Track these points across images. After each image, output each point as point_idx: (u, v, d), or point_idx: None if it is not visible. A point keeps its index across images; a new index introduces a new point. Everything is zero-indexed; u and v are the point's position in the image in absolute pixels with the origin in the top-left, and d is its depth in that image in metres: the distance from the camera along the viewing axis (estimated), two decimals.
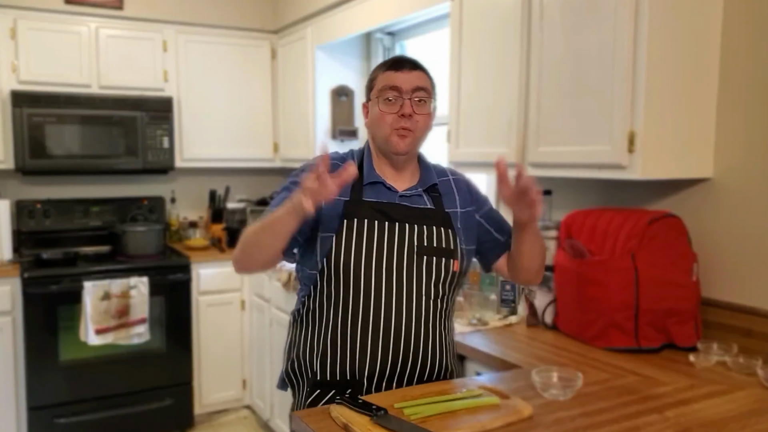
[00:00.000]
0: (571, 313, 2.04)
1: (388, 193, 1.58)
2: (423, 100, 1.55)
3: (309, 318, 1.60)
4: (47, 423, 3.26)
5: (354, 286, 1.51)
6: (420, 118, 1.55)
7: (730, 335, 1.88)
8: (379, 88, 1.55)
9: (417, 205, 1.59)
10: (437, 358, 1.57)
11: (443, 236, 1.58)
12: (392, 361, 1.51)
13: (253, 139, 4.14)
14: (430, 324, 1.55)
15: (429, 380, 1.57)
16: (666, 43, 1.81)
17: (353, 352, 1.51)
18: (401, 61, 1.57)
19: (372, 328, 1.51)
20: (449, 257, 1.57)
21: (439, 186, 1.64)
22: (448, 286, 1.58)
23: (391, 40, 3.69)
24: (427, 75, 1.59)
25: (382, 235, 1.53)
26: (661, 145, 1.84)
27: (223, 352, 3.75)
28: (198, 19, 3.95)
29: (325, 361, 1.54)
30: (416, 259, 1.53)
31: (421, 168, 1.66)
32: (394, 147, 1.54)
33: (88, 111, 3.56)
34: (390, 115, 1.53)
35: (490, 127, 2.32)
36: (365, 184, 1.57)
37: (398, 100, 1.53)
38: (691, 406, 1.46)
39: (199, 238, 4.07)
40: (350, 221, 1.53)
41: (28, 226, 3.69)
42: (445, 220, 1.60)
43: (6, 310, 3.20)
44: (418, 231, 1.55)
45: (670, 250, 1.89)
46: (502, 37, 2.24)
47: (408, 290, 1.52)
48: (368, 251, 1.51)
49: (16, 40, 3.44)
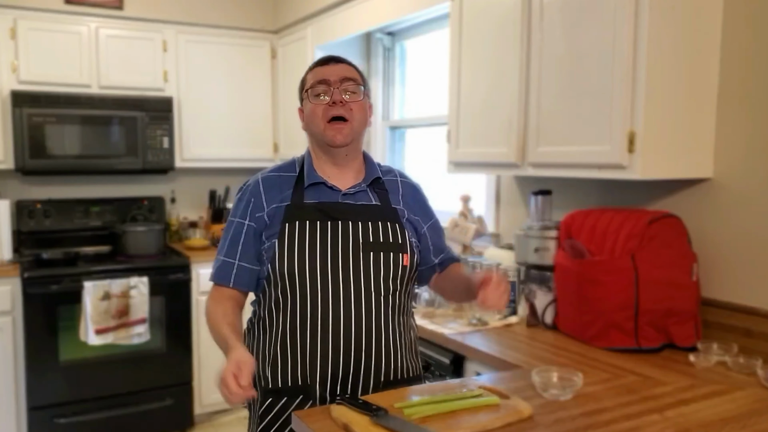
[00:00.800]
0: (571, 313, 2.04)
1: (330, 192, 1.56)
2: (353, 91, 1.55)
3: (260, 326, 1.59)
4: (47, 423, 3.26)
5: (300, 290, 1.49)
6: (353, 105, 1.54)
7: (730, 335, 1.88)
8: (309, 84, 1.57)
9: (361, 202, 1.57)
10: (392, 356, 1.54)
11: (390, 231, 1.55)
12: (344, 363, 1.49)
13: (253, 139, 4.14)
14: (382, 321, 1.52)
15: (386, 381, 1.53)
16: (666, 43, 1.81)
17: (303, 357, 1.49)
18: (327, 58, 1.60)
19: (321, 331, 1.48)
20: (398, 251, 1.54)
21: (385, 183, 1.63)
22: (399, 282, 1.55)
23: (391, 40, 3.69)
24: (354, 68, 1.60)
25: (324, 235, 1.51)
26: (661, 145, 1.84)
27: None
28: (198, 19, 3.95)
29: (276, 368, 1.52)
30: (362, 256, 1.51)
31: (365, 165, 1.64)
32: (331, 139, 1.53)
33: (88, 111, 3.56)
34: (321, 107, 1.53)
35: (490, 127, 2.32)
36: (306, 186, 1.56)
37: (328, 91, 1.53)
38: (691, 406, 1.46)
39: (199, 238, 4.07)
40: (291, 225, 1.51)
41: (28, 226, 3.69)
42: (392, 214, 1.58)
43: (6, 310, 3.19)
44: (362, 228, 1.53)
45: (670, 250, 1.89)
46: (502, 37, 2.24)
47: (356, 288, 1.50)
48: (311, 253, 1.49)
49: (16, 40, 3.44)
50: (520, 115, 2.18)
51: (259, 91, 4.14)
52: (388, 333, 1.53)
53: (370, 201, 1.59)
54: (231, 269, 1.55)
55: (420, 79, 3.56)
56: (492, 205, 2.90)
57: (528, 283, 2.28)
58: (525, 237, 2.27)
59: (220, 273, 1.56)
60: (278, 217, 1.53)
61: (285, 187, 1.57)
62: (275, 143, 4.20)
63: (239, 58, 4.06)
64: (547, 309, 2.17)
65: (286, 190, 1.56)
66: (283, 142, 4.15)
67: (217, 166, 4.16)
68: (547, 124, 2.08)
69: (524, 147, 2.17)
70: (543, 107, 2.09)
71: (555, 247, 2.18)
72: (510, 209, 2.79)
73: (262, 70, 4.14)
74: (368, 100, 1.61)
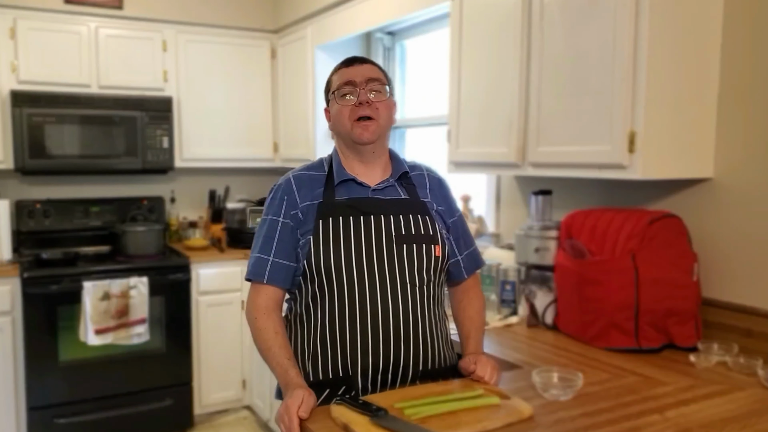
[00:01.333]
0: (572, 314, 2.04)
1: (360, 188, 1.60)
2: (378, 90, 1.58)
3: (297, 322, 1.61)
4: (47, 423, 3.26)
5: (337, 284, 1.52)
6: (379, 105, 1.58)
7: (731, 335, 1.88)
8: (335, 86, 1.60)
9: (390, 197, 1.61)
10: (429, 346, 1.57)
11: (420, 223, 1.59)
12: (384, 354, 1.51)
13: (253, 139, 4.14)
14: (419, 311, 1.55)
15: (425, 370, 1.56)
16: (666, 43, 1.80)
17: (344, 350, 1.52)
18: (351, 59, 1.64)
19: (360, 323, 1.51)
20: (430, 243, 1.58)
21: (412, 177, 1.67)
22: (432, 272, 1.58)
23: (391, 40, 3.69)
24: (378, 67, 1.64)
25: (358, 230, 1.54)
26: (662, 145, 1.84)
27: (223, 352, 3.75)
28: (198, 18, 3.95)
29: (316, 362, 1.54)
30: (396, 248, 1.54)
31: (392, 161, 1.68)
32: (358, 137, 1.57)
33: (87, 111, 3.55)
34: (347, 107, 1.57)
35: (490, 127, 2.32)
36: (336, 184, 1.60)
37: (354, 92, 1.57)
38: (691, 406, 1.46)
39: (198, 238, 4.06)
40: (325, 221, 1.55)
41: (28, 226, 3.69)
42: (422, 207, 1.62)
43: (6, 310, 3.19)
44: (394, 221, 1.57)
45: (671, 250, 1.89)
46: (502, 37, 2.23)
47: (391, 280, 1.53)
48: (346, 247, 1.52)
49: (15, 40, 3.44)
50: (521, 115, 2.18)
51: (259, 91, 4.14)
52: (425, 323, 1.57)
53: (399, 195, 1.63)
54: (265, 265, 1.57)
55: (420, 78, 3.56)
56: (492, 205, 2.90)
57: (528, 283, 2.28)
58: (525, 237, 2.27)
59: (255, 269, 1.58)
60: (311, 215, 1.56)
61: (316, 185, 1.61)
62: (275, 143, 4.20)
63: (239, 57, 4.05)
64: (547, 309, 2.17)
65: (317, 188, 1.60)
66: (282, 142, 4.14)
67: (217, 166, 4.15)
68: (547, 123, 2.07)
69: (524, 147, 2.17)
70: (543, 107, 2.09)
71: (555, 247, 2.17)
72: (510, 209, 2.79)
73: (262, 70, 4.14)
74: (393, 98, 1.65)
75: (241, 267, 3.73)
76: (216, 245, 3.96)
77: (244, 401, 3.87)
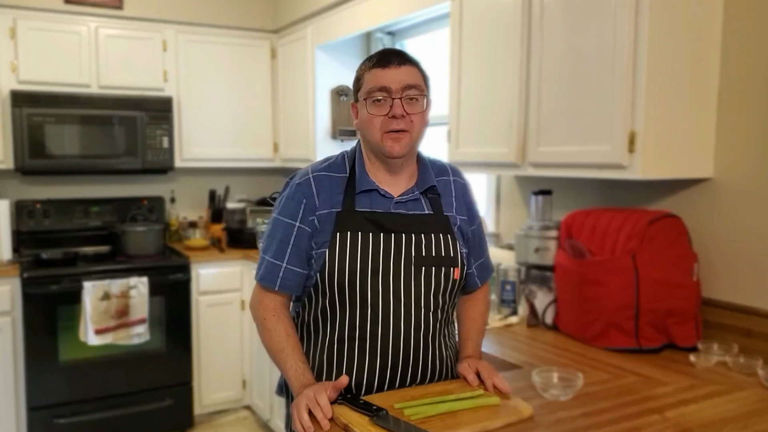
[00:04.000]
0: (572, 314, 2.04)
1: (383, 200, 1.49)
2: (415, 98, 1.44)
3: (304, 331, 1.57)
4: (47, 423, 3.26)
5: (350, 302, 1.46)
6: (414, 117, 1.45)
7: (731, 335, 1.88)
8: (367, 89, 1.45)
9: (414, 212, 1.51)
10: (437, 368, 1.53)
11: (442, 244, 1.50)
12: (390, 376, 1.47)
13: (253, 139, 4.14)
14: (430, 337, 1.49)
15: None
16: (666, 43, 1.80)
17: (350, 369, 1.47)
18: (388, 56, 1.45)
19: (369, 345, 1.46)
20: (449, 266, 1.50)
21: (437, 187, 1.56)
22: (448, 296, 1.52)
23: (391, 40, 3.69)
24: (418, 68, 1.48)
25: (377, 248, 1.45)
26: (661, 145, 1.84)
27: (223, 352, 3.75)
28: (198, 19, 3.95)
29: (321, 376, 1.50)
30: (414, 271, 1.46)
31: (419, 168, 1.56)
32: (388, 151, 1.45)
33: (87, 111, 3.55)
34: (379, 118, 1.44)
35: (490, 127, 2.32)
36: (358, 192, 1.49)
37: (387, 100, 1.43)
38: (691, 406, 1.46)
39: (198, 238, 4.06)
40: (343, 234, 1.45)
41: (28, 226, 3.69)
42: (445, 225, 1.52)
43: (6, 310, 3.19)
44: (416, 241, 1.48)
45: (671, 250, 1.89)
46: (502, 37, 2.24)
47: (406, 304, 1.46)
48: (363, 266, 1.44)
49: (15, 40, 3.44)
50: (520, 115, 2.18)
51: (259, 91, 4.14)
52: (435, 346, 1.51)
53: (423, 210, 1.52)
54: (278, 272, 1.49)
55: None
56: (492, 205, 2.90)
57: (528, 283, 2.28)
58: (525, 237, 2.27)
59: (267, 275, 1.51)
60: (329, 224, 1.47)
61: (335, 190, 1.50)
62: (275, 143, 4.19)
63: (239, 57, 4.05)
64: (547, 309, 2.17)
65: (337, 193, 1.49)
66: (283, 142, 4.14)
67: (217, 166, 4.15)
68: (547, 123, 2.07)
69: (524, 147, 2.17)
70: (543, 107, 2.09)
71: (555, 247, 2.17)
72: (510, 209, 2.79)
73: (262, 70, 4.14)
74: (429, 98, 1.50)
75: (241, 267, 3.73)
76: (216, 245, 3.96)
77: (244, 401, 3.87)
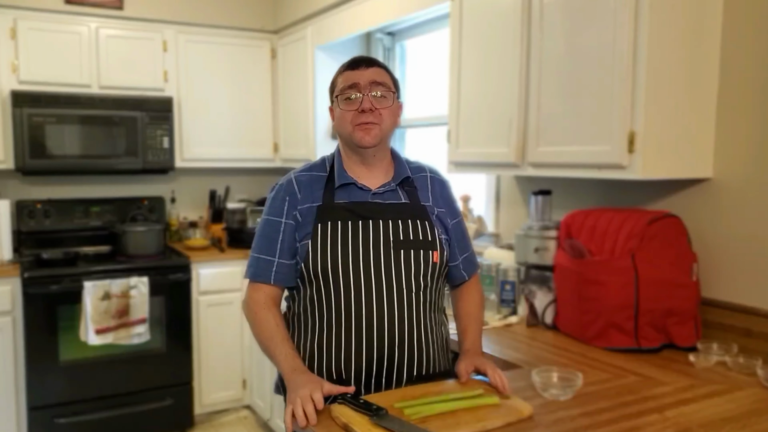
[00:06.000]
0: (571, 313, 2.04)
1: (360, 192, 1.60)
2: (383, 95, 1.57)
3: (295, 322, 1.63)
4: (47, 423, 3.26)
5: (334, 289, 1.53)
6: (383, 111, 1.57)
7: (730, 335, 1.88)
8: (340, 88, 1.59)
9: (390, 201, 1.60)
10: (423, 351, 1.57)
11: (419, 228, 1.59)
12: (378, 358, 1.52)
13: (253, 139, 4.14)
14: (414, 317, 1.56)
15: (418, 375, 1.57)
16: (666, 44, 1.81)
17: (338, 353, 1.53)
18: (358, 60, 1.62)
19: (355, 327, 1.52)
20: (428, 249, 1.58)
21: (414, 181, 1.66)
22: (429, 278, 1.58)
23: (391, 40, 3.69)
24: (386, 70, 1.62)
25: (356, 235, 1.55)
26: (661, 145, 1.84)
27: (223, 352, 3.75)
28: (198, 19, 3.95)
29: (312, 364, 1.56)
30: (393, 253, 1.55)
31: (394, 163, 1.67)
32: (359, 141, 1.56)
33: (88, 111, 3.56)
34: (350, 113, 1.57)
35: (490, 127, 2.32)
36: (337, 187, 1.59)
37: (357, 96, 1.56)
38: (691, 406, 1.46)
39: (199, 238, 4.07)
40: (323, 225, 1.55)
41: (28, 226, 3.69)
42: (422, 212, 1.62)
43: (6, 310, 3.19)
44: (393, 226, 1.57)
45: (670, 250, 1.89)
46: (502, 37, 2.24)
47: (388, 285, 1.53)
48: (344, 252, 1.53)
49: (16, 40, 3.44)
50: (520, 115, 2.18)
51: (259, 91, 4.14)
52: (420, 329, 1.57)
53: (400, 199, 1.62)
54: (271, 266, 1.58)
55: (420, 79, 3.56)
56: (492, 205, 2.90)
57: (528, 283, 2.28)
58: (525, 237, 2.27)
59: (259, 270, 1.59)
60: (310, 217, 1.57)
61: (316, 186, 1.61)
62: (275, 143, 4.20)
63: (239, 58, 4.06)
64: (547, 309, 2.17)
65: (317, 190, 1.60)
66: (283, 142, 4.15)
67: (217, 166, 4.16)
68: (547, 124, 2.08)
69: (524, 147, 2.17)
70: (543, 107, 2.09)
71: (555, 247, 2.18)
72: (510, 209, 2.80)
73: (262, 70, 4.14)
74: (399, 101, 1.64)
75: (241, 267, 3.73)
76: (216, 245, 3.96)
77: (245, 401, 3.87)
